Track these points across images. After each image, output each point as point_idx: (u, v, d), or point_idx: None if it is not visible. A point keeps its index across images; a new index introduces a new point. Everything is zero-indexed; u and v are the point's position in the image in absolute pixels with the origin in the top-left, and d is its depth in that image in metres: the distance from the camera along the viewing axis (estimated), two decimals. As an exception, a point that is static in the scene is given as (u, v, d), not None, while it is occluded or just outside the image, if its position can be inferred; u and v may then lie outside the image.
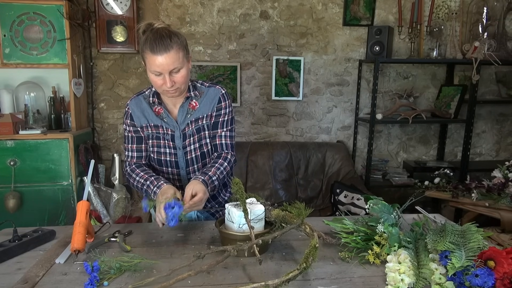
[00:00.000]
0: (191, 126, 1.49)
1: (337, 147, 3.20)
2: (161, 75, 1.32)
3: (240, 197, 1.26)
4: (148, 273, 1.07)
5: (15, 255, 1.19)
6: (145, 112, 1.49)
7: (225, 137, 1.52)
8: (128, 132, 1.52)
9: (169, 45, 1.29)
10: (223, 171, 1.46)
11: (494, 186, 2.40)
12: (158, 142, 1.52)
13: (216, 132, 1.52)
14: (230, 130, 1.54)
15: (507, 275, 0.93)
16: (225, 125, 1.52)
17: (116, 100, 3.11)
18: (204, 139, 1.52)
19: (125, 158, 1.56)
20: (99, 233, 1.38)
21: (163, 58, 1.29)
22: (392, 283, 0.99)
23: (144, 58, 1.34)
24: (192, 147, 1.51)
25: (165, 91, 1.38)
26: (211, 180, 1.40)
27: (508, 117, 3.51)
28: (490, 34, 3.08)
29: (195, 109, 1.49)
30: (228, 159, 1.50)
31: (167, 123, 1.48)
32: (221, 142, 1.52)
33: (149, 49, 1.29)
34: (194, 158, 1.53)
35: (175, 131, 1.48)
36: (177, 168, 1.55)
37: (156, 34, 1.30)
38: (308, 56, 3.21)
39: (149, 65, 1.33)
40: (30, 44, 2.58)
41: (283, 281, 0.92)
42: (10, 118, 2.50)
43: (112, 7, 2.85)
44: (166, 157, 1.53)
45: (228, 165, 1.49)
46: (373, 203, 1.26)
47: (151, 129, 1.50)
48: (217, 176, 1.42)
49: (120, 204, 2.78)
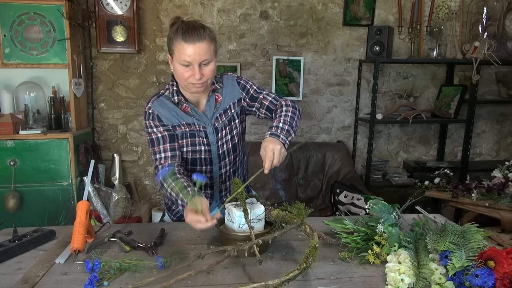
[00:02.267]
0: (222, 119, 1.45)
1: (337, 147, 3.20)
2: (190, 66, 1.28)
3: (240, 197, 1.26)
4: (148, 273, 1.07)
5: (15, 255, 1.19)
6: (172, 111, 1.41)
7: (267, 95, 1.48)
8: (156, 134, 1.40)
9: (202, 35, 1.26)
10: (286, 114, 1.37)
11: (494, 186, 2.39)
12: (193, 140, 1.44)
13: (259, 100, 1.47)
14: (267, 91, 1.50)
15: (507, 275, 0.93)
16: (259, 90, 1.49)
17: (116, 100, 3.11)
18: (235, 129, 1.49)
19: (155, 163, 1.40)
20: (99, 233, 1.38)
21: (196, 48, 1.25)
22: (392, 283, 0.99)
23: (173, 47, 1.28)
24: (224, 140, 1.47)
25: (190, 85, 1.32)
26: (279, 128, 1.31)
27: (508, 117, 3.51)
28: (490, 34, 3.08)
29: (219, 102, 1.45)
30: (284, 104, 1.43)
31: (198, 119, 1.42)
32: (269, 100, 1.46)
33: (181, 37, 1.25)
34: (226, 151, 1.49)
35: (207, 126, 1.43)
36: (210, 165, 1.49)
37: (188, 24, 1.27)
38: (308, 56, 3.21)
39: (178, 54, 1.27)
40: (30, 44, 2.58)
41: (283, 281, 0.92)
42: (10, 118, 2.50)
43: (112, 7, 2.85)
44: (201, 155, 1.46)
45: (287, 107, 1.41)
46: (373, 203, 1.26)
47: (184, 127, 1.42)
48: (283, 121, 1.34)
49: (120, 204, 2.78)
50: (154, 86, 3.11)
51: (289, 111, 1.39)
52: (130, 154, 3.19)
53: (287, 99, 1.47)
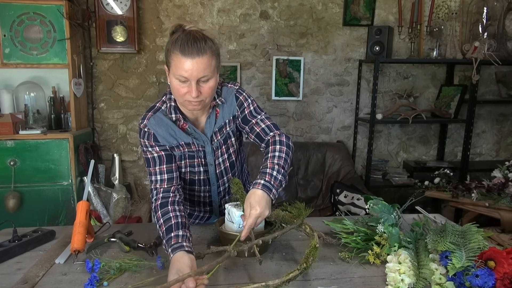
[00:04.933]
0: (217, 137, 1.33)
1: (337, 147, 3.19)
2: (187, 82, 1.15)
3: (240, 197, 1.26)
4: (148, 273, 1.07)
5: (15, 255, 1.19)
6: (170, 130, 1.28)
7: (262, 121, 1.33)
8: (152, 153, 1.28)
9: (202, 49, 1.12)
10: (280, 155, 1.24)
11: (494, 186, 2.39)
12: (191, 162, 1.34)
13: (251, 124, 1.33)
14: (264, 115, 1.36)
15: (507, 275, 0.93)
16: (254, 113, 1.34)
17: (116, 100, 3.10)
18: (232, 147, 1.39)
19: (151, 185, 1.28)
20: (99, 233, 1.38)
21: (194, 63, 1.12)
22: (392, 283, 0.99)
23: (170, 60, 1.16)
24: (221, 159, 1.38)
25: (187, 102, 1.19)
26: (272, 176, 1.18)
27: (508, 117, 3.51)
28: (490, 34, 3.08)
29: (217, 117, 1.32)
30: (278, 140, 1.28)
31: (196, 138, 1.30)
32: (261, 128, 1.32)
33: (179, 50, 1.12)
34: (223, 170, 1.40)
35: (206, 146, 1.33)
36: (209, 185, 1.42)
37: (189, 35, 1.14)
38: (308, 56, 3.21)
39: (175, 68, 1.14)
40: (30, 44, 2.58)
41: (283, 281, 0.92)
42: (10, 118, 2.50)
43: (112, 7, 2.85)
44: (200, 176, 1.38)
45: (281, 145, 1.27)
46: (373, 203, 1.26)
47: (183, 147, 1.31)
48: (277, 166, 1.20)
49: (120, 204, 2.78)
50: (154, 86, 3.11)
51: (283, 151, 1.25)
52: (130, 154, 3.19)
53: (282, 133, 1.32)
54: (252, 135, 1.34)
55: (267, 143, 1.31)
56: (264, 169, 1.20)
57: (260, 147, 1.35)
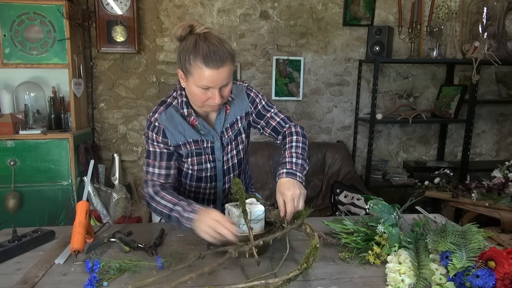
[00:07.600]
0: (228, 133, 1.36)
1: (337, 147, 3.19)
2: (209, 89, 1.17)
3: (240, 197, 1.26)
4: (148, 273, 1.07)
5: (14, 255, 1.19)
6: (179, 127, 1.29)
7: (276, 114, 1.40)
8: (155, 148, 1.31)
9: (224, 58, 1.14)
10: (297, 145, 1.31)
11: (494, 186, 2.39)
12: (199, 159, 1.36)
13: (266, 118, 1.40)
14: (275, 109, 1.42)
15: (508, 275, 0.93)
16: (267, 107, 1.40)
17: (116, 100, 3.10)
18: (241, 144, 1.42)
19: (147, 176, 1.32)
20: (99, 233, 1.38)
21: (218, 73, 1.14)
22: (392, 283, 0.99)
23: (190, 69, 1.15)
24: (230, 155, 1.40)
25: (207, 106, 1.23)
26: (293, 163, 1.25)
27: (508, 117, 3.50)
28: (490, 34, 3.08)
29: (227, 113, 1.34)
30: (294, 131, 1.36)
31: (205, 135, 1.32)
32: (277, 121, 1.40)
33: (202, 61, 1.12)
34: (231, 167, 1.42)
35: (215, 141, 1.34)
36: (215, 181, 1.43)
37: (208, 43, 1.14)
38: (308, 56, 3.20)
39: (198, 78, 1.15)
40: (30, 44, 2.57)
41: (283, 281, 0.91)
42: (10, 118, 2.50)
43: (112, 7, 2.85)
44: (207, 173, 1.39)
45: (297, 135, 1.35)
46: (373, 203, 1.26)
47: (190, 145, 1.32)
48: (295, 154, 1.28)
49: (120, 204, 2.78)
50: (154, 86, 3.11)
51: (300, 141, 1.33)
52: (130, 154, 3.19)
53: (296, 124, 1.41)
54: (268, 129, 1.41)
55: (283, 135, 1.39)
56: (284, 159, 1.28)
57: (277, 139, 1.42)
